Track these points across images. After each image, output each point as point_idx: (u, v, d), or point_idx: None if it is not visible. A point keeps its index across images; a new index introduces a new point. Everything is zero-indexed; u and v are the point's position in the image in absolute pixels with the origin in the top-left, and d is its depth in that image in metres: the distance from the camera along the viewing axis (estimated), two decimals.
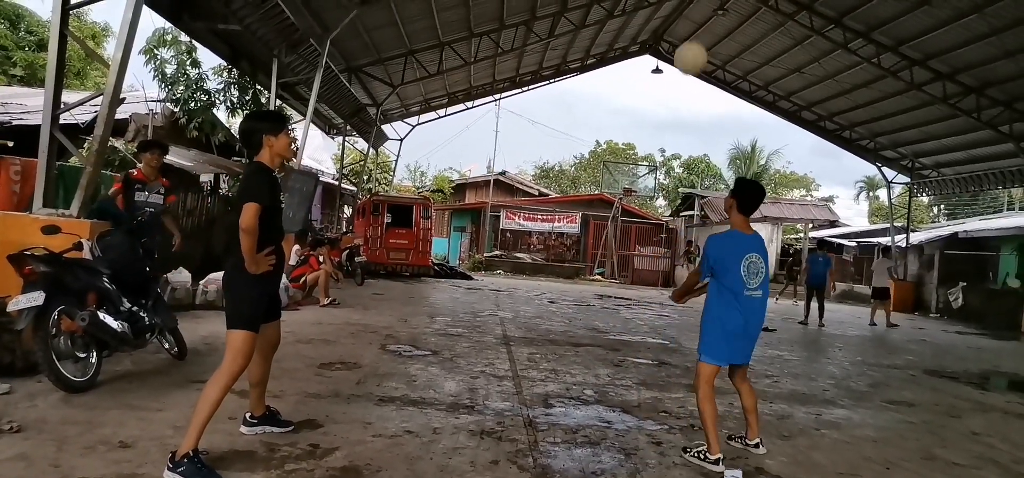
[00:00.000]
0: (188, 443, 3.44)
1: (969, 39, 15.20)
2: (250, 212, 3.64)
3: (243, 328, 3.74)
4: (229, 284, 3.88)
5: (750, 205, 4.45)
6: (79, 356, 4.81)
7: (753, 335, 4.46)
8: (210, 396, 3.58)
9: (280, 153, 3.94)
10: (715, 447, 4.16)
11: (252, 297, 3.80)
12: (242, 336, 3.72)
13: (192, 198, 13.40)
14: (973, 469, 4.75)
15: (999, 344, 14.34)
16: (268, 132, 3.90)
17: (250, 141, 3.97)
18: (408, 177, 49.21)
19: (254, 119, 4.11)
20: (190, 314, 8.53)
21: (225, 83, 16.45)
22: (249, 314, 3.78)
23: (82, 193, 7.25)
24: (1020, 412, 7.02)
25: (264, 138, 3.89)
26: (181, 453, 3.42)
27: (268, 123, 3.98)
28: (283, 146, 3.93)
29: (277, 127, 3.95)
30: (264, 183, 3.80)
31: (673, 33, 23.19)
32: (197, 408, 3.55)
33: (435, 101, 26.22)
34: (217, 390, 3.61)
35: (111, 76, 7.43)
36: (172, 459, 3.42)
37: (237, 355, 3.70)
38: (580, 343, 9.32)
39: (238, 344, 3.71)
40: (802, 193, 52.92)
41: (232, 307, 3.81)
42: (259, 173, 3.85)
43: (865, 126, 23.15)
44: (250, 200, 3.68)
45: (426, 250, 21.39)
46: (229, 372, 3.66)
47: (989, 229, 23.60)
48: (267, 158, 3.91)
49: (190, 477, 3.37)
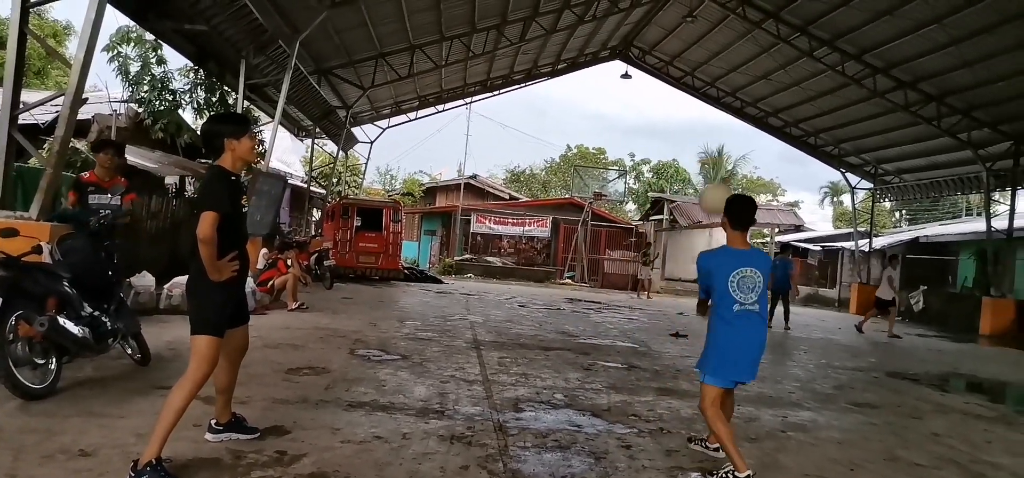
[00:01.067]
0: (151, 450, 3.37)
1: (929, 49, 15.60)
2: (207, 221, 3.54)
3: (208, 334, 3.66)
4: (193, 289, 3.79)
5: (740, 220, 4.34)
6: (38, 362, 4.68)
7: (753, 353, 4.25)
8: (174, 403, 3.50)
9: (242, 157, 3.84)
10: (741, 464, 3.99)
11: (216, 302, 3.72)
12: (206, 341, 3.64)
13: (157, 201, 13.16)
14: (934, 469, 4.85)
15: (959, 346, 14.70)
16: (230, 135, 3.78)
17: (211, 144, 3.85)
18: (378, 180, 48.95)
19: (216, 121, 4.02)
20: (154, 319, 8.36)
21: (191, 84, 16.19)
22: (214, 320, 3.69)
23: (42, 195, 7.09)
24: (979, 413, 7.20)
25: (226, 141, 3.76)
26: (144, 461, 3.34)
27: (230, 125, 3.86)
28: (245, 150, 3.82)
29: (240, 130, 3.83)
30: (222, 189, 3.69)
31: (643, 39, 23.42)
32: (161, 415, 3.47)
33: (406, 104, 26.14)
34: (182, 397, 3.53)
35: (73, 75, 7.28)
36: (134, 467, 3.35)
37: (202, 361, 3.62)
38: (550, 347, 9.34)
39: (203, 350, 3.63)
40: (769, 198, 53.69)
41: (196, 312, 3.72)
42: (218, 179, 3.74)
43: (830, 133, 23.61)
44: (208, 208, 3.57)
45: (396, 254, 21.27)
46: (194, 379, 3.58)
47: (949, 234, 24.23)
48: (228, 162, 3.80)
49: None
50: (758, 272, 4.19)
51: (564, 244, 30.82)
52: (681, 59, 23.27)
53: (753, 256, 4.28)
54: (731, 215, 4.35)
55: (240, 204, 3.87)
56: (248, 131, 3.87)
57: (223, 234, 3.63)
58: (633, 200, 48.23)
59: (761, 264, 4.25)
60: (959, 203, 38.42)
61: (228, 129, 3.82)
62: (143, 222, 11.99)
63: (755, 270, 4.19)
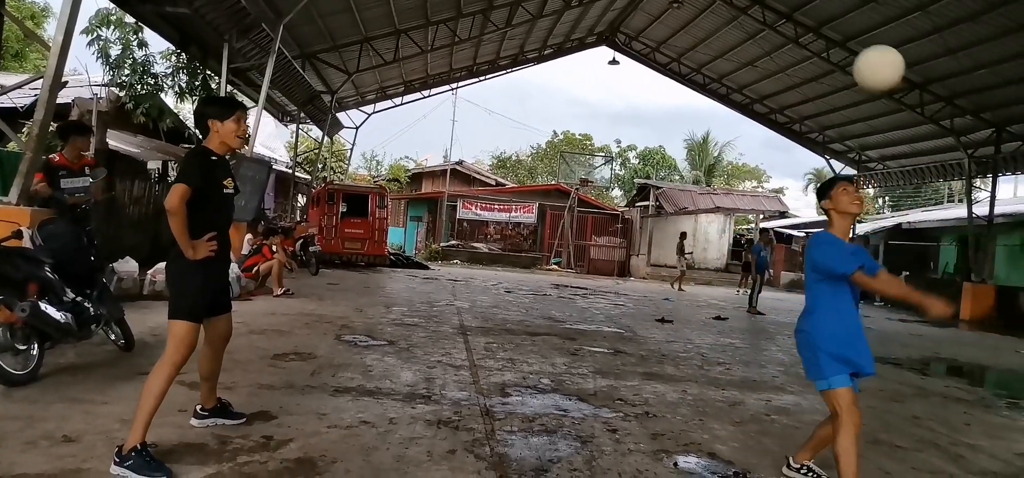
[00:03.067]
0: (135, 436, 3.36)
1: (913, 36, 15.69)
2: (175, 194, 3.49)
3: (184, 318, 3.63)
4: (171, 272, 3.77)
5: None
6: (19, 348, 4.62)
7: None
8: (153, 387, 3.50)
9: (226, 139, 3.82)
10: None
11: (195, 286, 3.69)
12: (184, 326, 3.62)
13: (139, 186, 13.03)
14: (915, 451, 4.92)
15: (939, 332, 14.90)
16: (214, 116, 3.79)
17: (199, 125, 3.91)
18: (364, 166, 48.66)
19: (203, 103, 4.03)
20: (138, 304, 8.29)
21: (174, 68, 15.96)
22: (190, 304, 3.67)
23: (21, 179, 6.98)
24: (959, 397, 7.31)
25: (210, 122, 3.79)
26: (128, 446, 3.33)
27: (215, 107, 3.87)
28: (229, 131, 3.80)
29: (225, 112, 3.82)
30: (196, 165, 3.66)
31: (629, 25, 23.40)
32: (141, 399, 3.47)
33: (391, 89, 25.97)
34: (160, 381, 3.52)
35: (52, 58, 7.17)
36: (119, 453, 3.34)
37: (179, 345, 3.59)
38: (537, 332, 9.36)
39: (180, 334, 3.61)
40: (754, 185, 54.03)
41: (174, 296, 3.71)
42: (196, 156, 3.76)
43: (814, 119, 23.75)
44: (177, 181, 3.55)
45: (382, 240, 21.21)
46: (171, 362, 3.57)
47: (930, 221, 24.49)
48: (215, 144, 3.80)
49: (138, 470, 3.27)
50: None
51: (550, 230, 30.87)
52: (667, 45, 23.27)
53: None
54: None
55: (223, 185, 3.81)
56: (233, 114, 3.84)
57: (202, 213, 3.63)
58: (619, 186, 48.33)
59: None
60: (941, 190, 38.82)
61: (213, 110, 3.84)
62: (125, 207, 11.88)
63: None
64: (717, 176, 47.69)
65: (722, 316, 13.51)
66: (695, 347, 9.22)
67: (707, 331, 11.26)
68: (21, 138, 9.51)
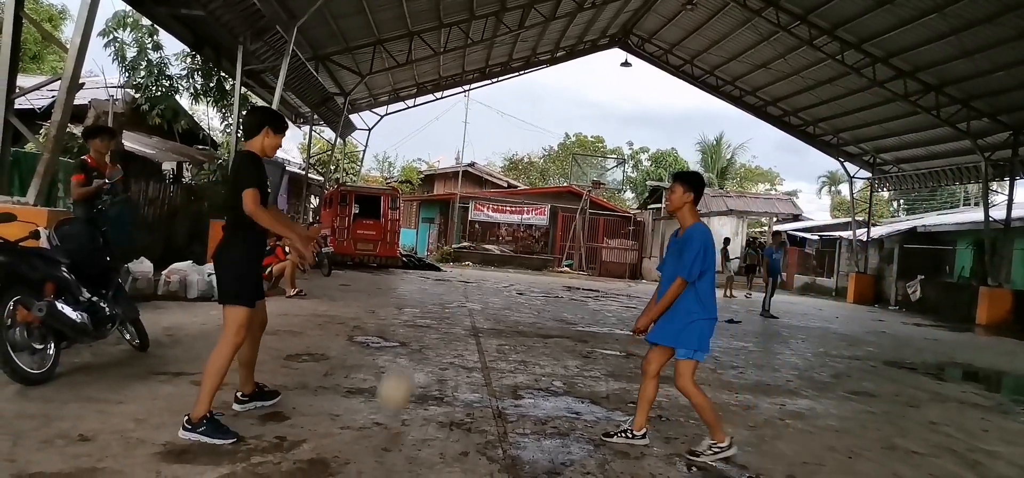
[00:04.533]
0: (201, 408, 3.79)
1: (929, 38, 15.56)
2: (250, 199, 3.86)
3: (241, 304, 3.97)
4: (222, 263, 4.07)
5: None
6: (36, 347, 4.66)
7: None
8: (216, 365, 3.87)
9: (268, 149, 4.20)
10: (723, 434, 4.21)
11: (245, 274, 4.05)
12: (241, 311, 3.96)
13: (154, 187, 13.13)
14: (931, 458, 4.87)
15: (955, 336, 14.74)
16: (271, 126, 4.18)
17: (250, 125, 4.23)
18: (376, 167, 48.81)
19: (266, 112, 4.44)
20: (152, 305, 8.35)
21: (188, 70, 16.09)
22: (241, 289, 4.00)
23: (39, 180, 7.05)
24: (975, 402, 7.22)
25: (266, 129, 4.15)
26: (197, 416, 3.76)
27: (275, 121, 4.27)
28: (274, 144, 4.21)
29: (279, 127, 4.25)
30: (255, 167, 4.01)
31: (642, 27, 23.34)
32: (205, 377, 3.86)
33: (404, 91, 26.02)
34: (222, 360, 3.89)
35: (69, 60, 7.23)
36: (188, 421, 3.76)
37: (238, 329, 3.94)
38: (549, 335, 9.34)
39: (238, 318, 3.95)
40: (767, 187, 53.72)
41: (226, 284, 4.03)
42: (251, 158, 4.08)
43: (829, 122, 23.58)
44: (246, 186, 3.88)
45: (394, 241, 21.27)
46: (232, 344, 3.93)
47: (946, 224, 24.25)
48: (257, 147, 4.15)
49: (210, 435, 3.73)
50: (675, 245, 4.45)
51: (562, 232, 30.83)
52: (680, 47, 23.19)
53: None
54: (698, 188, 4.40)
55: (267, 187, 4.15)
56: (283, 133, 4.30)
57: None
58: (631, 188, 48.18)
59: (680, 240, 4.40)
60: (957, 193, 38.44)
61: (272, 122, 4.24)
62: (141, 208, 11.97)
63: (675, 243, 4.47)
64: (730, 179, 47.47)
65: (735, 319, 13.44)
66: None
67: (720, 334, 11.19)
68: (39, 139, 9.60)
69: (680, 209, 4.37)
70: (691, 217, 4.35)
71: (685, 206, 4.35)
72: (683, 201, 4.34)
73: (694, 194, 4.36)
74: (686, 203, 4.34)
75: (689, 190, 4.35)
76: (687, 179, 4.42)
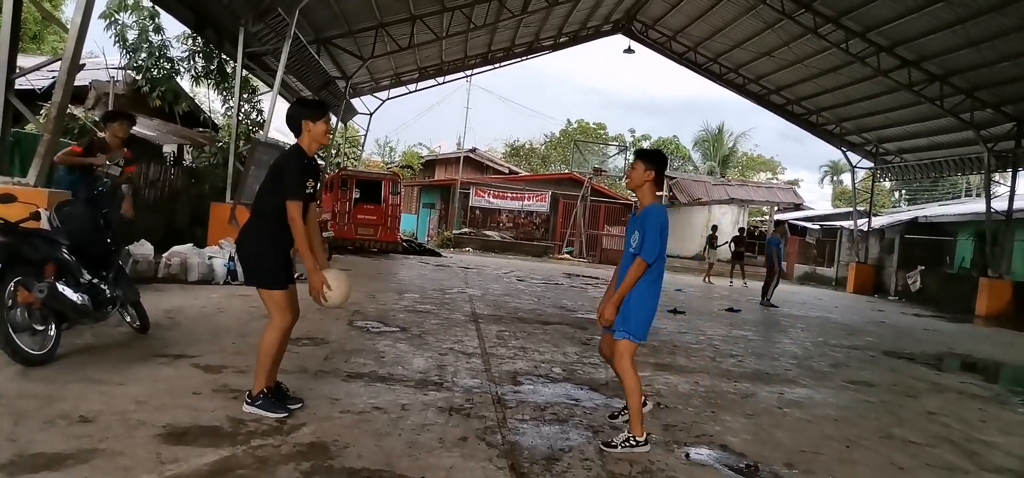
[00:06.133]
0: (259, 384, 4.04)
1: (935, 27, 15.47)
2: (293, 210, 3.96)
3: (277, 287, 4.10)
4: (251, 249, 4.17)
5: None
6: (37, 329, 4.67)
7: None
8: (268, 347, 4.06)
9: (318, 138, 4.20)
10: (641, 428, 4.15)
11: (276, 259, 4.13)
12: (279, 293, 4.10)
13: (155, 169, 13.11)
14: (929, 447, 4.88)
15: (955, 327, 14.77)
16: (309, 118, 4.15)
17: (292, 124, 4.22)
18: (377, 152, 48.72)
19: (298, 105, 4.35)
20: (152, 287, 8.36)
21: (189, 52, 16.03)
22: (274, 274, 4.11)
23: (40, 161, 7.03)
24: (974, 392, 7.24)
25: (304, 123, 4.14)
26: (256, 391, 4.04)
27: (309, 109, 4.23)
28: (320, 132, 4.19)
29: (317, 113, 4.20)
30: (298, 174, 4.03)
31: (646, 13, 23.22)
32: (259, 358, 4.07)
33: (406, 76, 25.92)
34: (273, 340, 4.06)
35: (70, 41, 7.19)
36: (249, 395, 4.06)
37: (279, 309, 4.09)
38: (548, 321, 9.36)
39: (278, 299, 4.10)
40: (768, 176, 53.65)
41: (259, 271, 4.14)
42: (295, 162, 4.09)
43: (832, 111, 23.50)
44: (291, 198, 3.97)
45: (394, 226, 21.26)
46: (277, 325, 4.08)
47: (947, 215, 24.23)
48: (306, 143, 4.18)
49: (268, 409, 4.01)
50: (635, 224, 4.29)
51: (563, 219, 30.82)
52: (684, 34, 23.08)
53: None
54: (661, 167, 4.32)
55: (309, 186, 4.14)
56: (325, 116, 4.24)
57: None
58: None
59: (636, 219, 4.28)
60: (959, 184, 38.40)
61: (307, 112, 4.20)
62: (140, 191, 11.95)
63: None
64: (732, 167, 47.39)
65: (735, 308, 13.45)
66: (707, 339, 9.18)
67: (719, 323, 11.21)
68: (39, 120, 9.58)
69: (640, 187, 4.24)
70: (650, 197, 4.23)
71: (645, 184, 4.22)
72: (644, 179, 4.21)
73: (655, 172, 4.24)
74: (647, 181, 4.21)
75: (650, 168, 4.22)
76: (649, 156, 4.32)
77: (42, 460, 3.16)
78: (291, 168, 4.05)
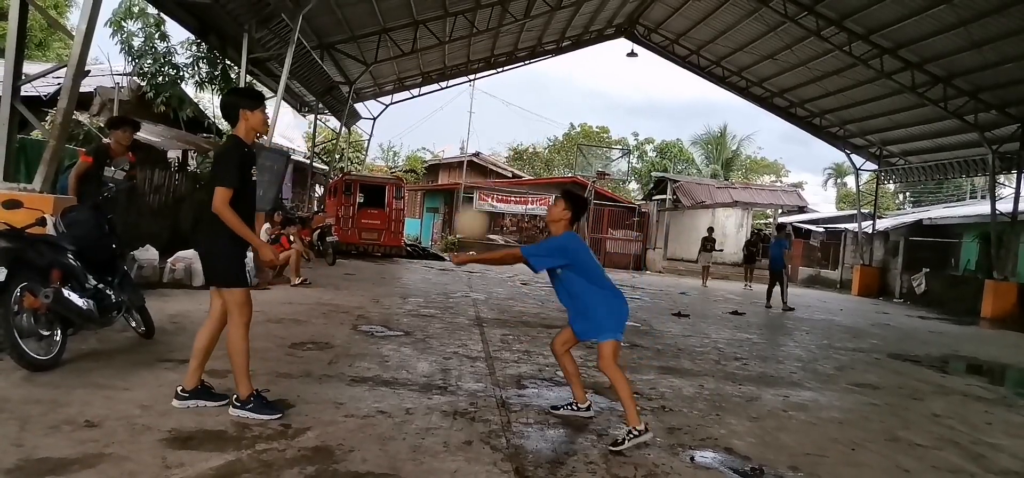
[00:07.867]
0: (244, 387, 4.05)
1: (938, 29, 15.46)
2: (219, 198, 3.91)
3: (240, 285, 4.12)
4: (215, 249, 4.10)
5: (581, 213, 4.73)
6: (43, 334, 4.69)
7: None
8: (236, 347, 4.05)
9: (255, 127, 4.21)
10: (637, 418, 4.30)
11: (239, 257, 4.13)
12: (242, 292, 4.11)
13: (160, 174, 13.15)
14: (934, 450, 4.87)
15: (960, 329, 14.71)
16: (246, 106, 4.16)
17: (228, 114, 4.25)
18: (381, 157, 48.72)
19: (233, 94, 4.47)
20: (157, 292, 8.38)
21: (193, 58, 16.10)
22: (241, 272, 4.15)
23: (45, 167, 7.06)
24: (979, 395, 7.22)
25: (242, 112, 4.14)
26: (243, 395, 4.03)
27: (247, 99, 4.26)
28: (258, 121, 4.20)
29: (254, 103, 4.21)
30: (234, 162, 4.02)
31: (648, 17, 23.24)
32: (233, 360, 4.07)
33: (409, 80, 25.98)
34: (239, 339, 4.05)
35: (75, 47, 7.22)
36: (238, 399, 4.04)
37: (241, 307, 4.08)
38: (553, 325, 9.34)
39: (240, 298, 4.09)
40: (772, 179, 53.53)
41: (223, 270, 4.11)
42: (232, 151, 4.09)
43: (835, 113, 23.48)
44: (219, 184, 3.94)
45: (398, 230, 21.28)
46: (243, 323, 4.08)
47: (952, 217, 24.14)
48: (243, 132, 4.17)
49: (258, 411, 4.01)
50: None
51: None
52: (687, 37, 23.09)
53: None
54: (578, 210, 4.62)
55: (251, 174, 4.16)
56: (262, 105, 4.25)
57: (234, 204, 3.98)
58: (636, 179, 48.05)
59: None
60: (963, 186, 38.26)
61: (245, 101, 4.22)
62: (146, 196, 11.99)
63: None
64: (735, 170, 47.31)
65: (739, 311, 13.42)
66: (712, 342, 9.17)
67: (724, 326, 11.19)
68: (45, 126, 9.62)
69: (556, 223, 4.56)
70: (559, 233, 4.56)
71: (561, 222, 4.53)
72: (561, 217, 4.55)
73: (572, 215, 4.53)
74: (563, 220, 4.54)
75: (568, 209, 4.54)
76: (571, 199, 4.60)
77: (48, 465, 3.17)
78: (227, 157, 4.05)
